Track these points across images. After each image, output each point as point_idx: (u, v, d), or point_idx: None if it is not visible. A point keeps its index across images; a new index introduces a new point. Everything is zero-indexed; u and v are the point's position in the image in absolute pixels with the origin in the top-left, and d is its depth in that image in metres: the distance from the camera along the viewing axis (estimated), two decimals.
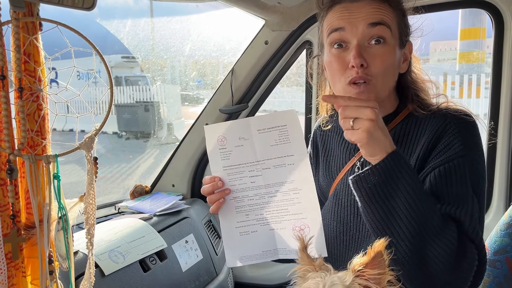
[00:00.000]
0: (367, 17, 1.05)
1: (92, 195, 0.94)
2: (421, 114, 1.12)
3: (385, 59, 1.06)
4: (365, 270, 0.82)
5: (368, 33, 1.05)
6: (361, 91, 1.06)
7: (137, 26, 4.50)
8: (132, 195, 2.06)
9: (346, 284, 0.83)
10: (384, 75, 1.07)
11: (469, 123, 1.09)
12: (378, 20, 1.05)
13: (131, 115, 12.24)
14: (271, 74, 1.90)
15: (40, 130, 0.90)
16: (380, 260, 0.83)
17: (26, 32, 0.86)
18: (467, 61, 12.54)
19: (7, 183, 0.86)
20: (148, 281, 1.50)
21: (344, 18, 1.07)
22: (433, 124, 1.09)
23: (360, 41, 1.05)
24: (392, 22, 1.08)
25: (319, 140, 1.34)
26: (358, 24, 1.05)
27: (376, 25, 1.05)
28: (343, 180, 1.21)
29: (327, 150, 1.31)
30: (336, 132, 1.29)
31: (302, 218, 1.07)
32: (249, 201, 1.10)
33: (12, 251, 0.87)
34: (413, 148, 1.11)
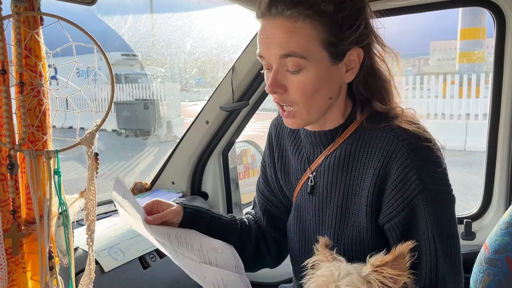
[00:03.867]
0: (278, 45, 0.95)
1: (92, 191, 0.94)
2: (370, 127, 1.03)
3: (303, 87, 0.97)
4: (385, 268, 0.82)
5: (282, 63, 0.96)
6: (286, 116, 1.02)
7: (138, 23, 4.48)
8: (132, 192, 2.05)
9: (362, 275, 0.83)
10: (307, 100, 0.99)
11: (422, 149, 0.97)
12: (287, 51, 0.94)
13: (130, 112, 12.24)
14: None
15: (41, 125, 0.89)
16: (401, 261, 0.83)
17: (27, 27, 0.85)
18: (467, 61, 12.55)
19: (8, 178, 0.85)
20: (147, 278, 1.50)
21: (263, 44, 0.98)
22: (382, 143, 1.00)
23: (277, 69, 0.97)
24: (309, 45, 0.95)
25: (275, 141, 1.26)
26: (271, 51, 0.96)
27: (286, 57, 0.95)
28: (301, 192, 1.17)
29: (283, 157, 1.23)
30: (291, 139, 1.21)
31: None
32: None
33: (12, 246, 0.87)
34: (365, 170, 1.03)
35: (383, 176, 0.99)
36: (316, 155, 1.13)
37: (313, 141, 1.12)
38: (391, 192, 0.98)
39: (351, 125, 1.07)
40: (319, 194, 1.12)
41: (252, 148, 2.60)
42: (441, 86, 11.12)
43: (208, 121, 2.00)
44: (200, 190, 2.17)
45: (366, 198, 1.02)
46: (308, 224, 1.15)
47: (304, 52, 0.94)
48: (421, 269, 0.97)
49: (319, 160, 1.11)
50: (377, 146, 1.01)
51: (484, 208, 1.89)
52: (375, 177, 1.00)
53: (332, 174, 1.08)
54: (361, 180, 1.03)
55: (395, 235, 1.00)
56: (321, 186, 1.11)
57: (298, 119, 1.02)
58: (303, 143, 1.17)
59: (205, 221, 1.18)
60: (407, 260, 0.83)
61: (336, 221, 1.08)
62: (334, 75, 1.00)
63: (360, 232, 1.04)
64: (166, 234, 1.06)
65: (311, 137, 1.11)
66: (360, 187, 1.04)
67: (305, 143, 1.15)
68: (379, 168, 0.99)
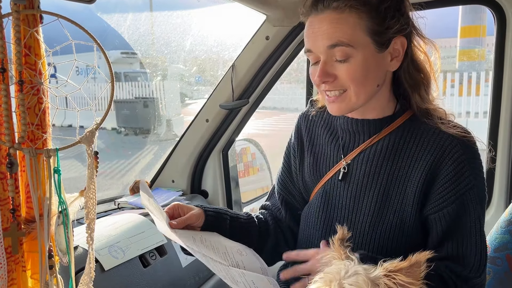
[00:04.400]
0: (325, 37, 1.02)
1: (92, 190, 0.93)
2: (423, 121, 1.09)
3: (352, 74, 1.03)
4: (398, 274, 0.81)
5: (330, 53, 1.03)
6: (332, 101, 1.07)
7: (137, 21, 4.49)
8: (132, 191, 2.05)
9: (370, 277, 0.82)
10: (356, 85, 1.04)
11: (473, 147, 1.07)
12: (335, 41, 1.01)
13: (130, 111, 12.22)
14: (272, 69, 1.89)
15: (41, 123, 0.89)
16: (416, 269, 0.82)
17: (27, 25, 0.85)
18: (467, 59, 12.53)
19: (7, 177, 0.85)
20: (148, 277, 1.50)
21: (310, 38, 1.05)
22: (437, 140, 1.06)
23: (325, 59, 1.04)
24: (356, 34, 1.01)
25: (304, 131, 1.29)
26: (319, 44, 1.03)
27: (334, 47, 1.01)
28: (333, 179, 1.18)
29: (314, 145, 1.25)
30: (325, 128, 1.24)
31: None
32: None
33: (12, 245, 0.86)
34: (415, 161, 1.07)
35: (435, 170, 1.05)
36: (356, 143, 1.16)
37: (356, 129, 1.15)
38: (444, 185, 1.04)
39: (400, 118, 1.12)
40: (357, 181, 1.13)
41: (252, 146, 2.59)
42: (441, 84, 11.10)
43: (208, 119, 2.00)
44: (200, 188, 2.17)
45: (414, 187, 1.06)
46: (338, 211, 1.16)
47: (350, 41, 1.01)
48: (468, 257, 1.03)
49: (360, 148, 1.14)
50: (430, 141, 1.07)
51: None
52: (427, 169, 1.05)
53: (376, 162, 1.11)
54: (408, 170, 1.08)
55: (441, 225, 1.05)
56: (361, 173, 1.13)
57: (345, 103, 1.07)
58: (339, 132, 1.20)
59: (226, 222, 1.20)
60: (422, 270, 0.82)
61: (375, 208, 1.10)
62: (380, 63, 1.06)
63: (402, 219, 1.08)
64: (192, 239, 1.06)
65: (353, 124, 1.15)
66: (407, 177, 1.08)
67: (344, 131, 1.18)
68: (432, 161, 1.05)
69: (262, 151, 2.62)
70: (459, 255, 1.03)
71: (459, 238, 1.04)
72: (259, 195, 2.54)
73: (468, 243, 1.04)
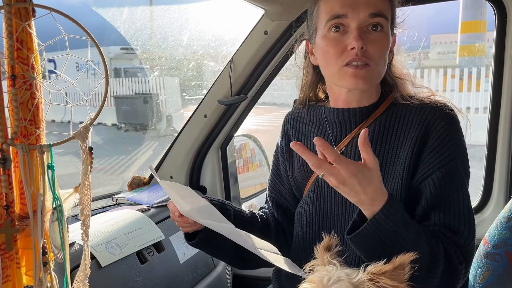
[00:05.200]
0: (369, 5, 1.06)
1: (87, 186, 0.92)
2: (404, 103, 1.14)
3: (382, 45, 1.08)
4: (382, 278, 0.81)
5: (368, 21, 1.07)
6: (359, 70, 1.07)
7: (134, 15, 4.46)
8: (130, 187, 2.04)
9: (353, 282, 0.81)
10: (380, 60, 1.09)
11: (456, 119, 1.11)
12: (379, 11, 1.07)
13: (130, 107, 12.21)
14: (270, 64, 1.87)
15: (34, 119, 0.88)
16: (400, 272, 0.81)
17: (19, 18, 0.84)
18: (468, 54, 12.48)
19: (0, 173, 0.84)
20: (145, 273, 1.50)
21: (346, 4, 1.07)
22: (420, 115, 1.10)
23: (360, 25, 1.07)
24: (388, 13, 1.10)
25: (291, 131, 1.31)
26: (360, 10, 1.06)
27: (375, 16, 1.07)
28: None
29: (303, 142, 1.25)
30: (312, 124, 1.26)
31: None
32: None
33: (6, 242, 0.86)
34: (402, 140, 1.11)
35: (421, 142, 1.09)
36: (344, 134, 1.18)
37: (342, 119, 1.17)
38: (429, 154, 1.07)
39: (384, 103, 1.16)
40: None
41: (251, 142, 2.58)
42: (441, 79, 11.07)
43: (207, 115, 1.98)
44: (198, 184, 2.16)
45: (403, 164, 1.09)
46: (331, 202, 1.17)
47: (388, 14, 1.09)
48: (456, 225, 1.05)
49: (348, 138, 1.16)
50: (414, 118, 1.10)
51: (483, 202, 1.89)
52: (413, 144, 1.08)
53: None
54: (397, 150, 1.11)
55: (426, 193, 1.06)
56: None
57: (369, 76, 1.08)
58: (328, 124, 1.21)
59: (229, 213, 1.22)
60: (406, 272, 0.81)
61: None
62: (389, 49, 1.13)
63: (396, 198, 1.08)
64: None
65: (339, 114, 1.17)
66: (396, 156, 1.11)
67: (331, 123, 1.20)
68: (417, 136, 1.08)
69: (261, 147, 2.61)
70: (446, 223, 1.04)
71: (446, 207, 1.05)
72: (258, 191, 2.53)
73: (455, 211, 1.05)
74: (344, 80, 1.10)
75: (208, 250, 1.28)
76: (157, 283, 1.53)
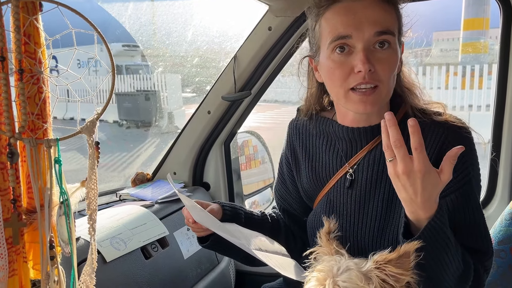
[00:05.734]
0: (375, 23, 1.00)
1: (94, 180, 0.92)
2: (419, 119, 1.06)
3: (390, 63, 1.02)
4: (388, 266, 0.81)
5: (374, 39, 1.01)
6: (367, 96, 1.02)
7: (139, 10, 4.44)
8: (134, 183, 2.04)
9: (362, 271, 0.82)
10: (389, 80, 1.03)
11: (470, 139, 1.07)
12: (385, 28, 1.00)
13: (131, 104, 12.21)
14: (274, 60, 1.87)
15: (41, 113, 0.88)
16: (405, 260, 0.82)
17: (26, 13, 0.84)
18: (470, 52, 12.45)
19: (8, 167, 0.84)
20: (149, 268, 1.50)
21: (350, 24, 1.00)
22: (434, 134, 1.05)
23: (366, 46, 1.00)
24: (395, 26, 1.04)
25: (297, 144, 1.27)
26: (365, 30, 0.99)
27: (381, 34, 1.00)
28: (337, 187, 1.17)
29: (311, 154, 1.23)
30: (319, 136, 1.22)
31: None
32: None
33: (12, 236, 0.86)
34: None
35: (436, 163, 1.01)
36: (355, 150, 1.14)
37: (354, 137, 1.12)
38: None
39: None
40: (361, 188, 1.12)
41: (254, 139, 2.58)
42: (443, 77, 11.05)
43: (210, 111, 1.98)
44: (202, 180, 2.16)
45: None
46: (344, 218, 1.15)
47: (395, 29, 1.03)
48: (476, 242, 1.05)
49: (360, 155, 1.12)
50: (428, 136, 1.05)
51: (488, 199, 1.88)
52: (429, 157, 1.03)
53: (377, 167, 1.10)
54: None
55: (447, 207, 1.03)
56: (364, 180, 1.12)
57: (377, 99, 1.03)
58: (337, 140, 1.17)
59: (241, 217, 1.24)
60: (411, 260, 0.82)
61: (382, 213, 1.10)
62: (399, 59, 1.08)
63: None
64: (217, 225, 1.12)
65: (352, 133, 1.12)
66: None
67: (342, 139, 1.15)
68: (431, 155, 1.03)
69: (264, 144, 2.60)
70: (465, 245, 1.02)
71: (463, 229, 1.03)
72: (261, 188, 2.53)
73: (472, 233, 1.04)
74: (351, 105, 1.06)
75: (220, 251, 1.32)
76: (161, 278, 1.53)
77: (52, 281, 0.89)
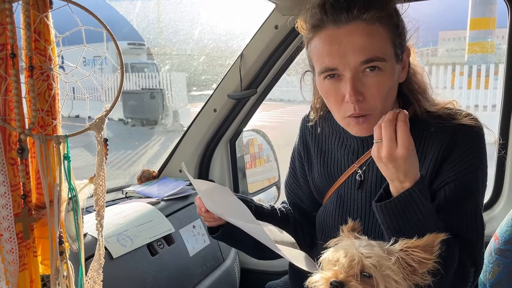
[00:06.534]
0: (359, 52, 0.95)
1: (102, 177, 0.93)
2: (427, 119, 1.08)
3: (381, 87, 0.99)
4: (415, 250, 0.84)
5: (359, 69, 0.98)
6: (361, 124, 1.03)
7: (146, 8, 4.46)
8: (140, 180, 2.06)
9: (384, 248, 0.85)
10: (383, 103, 1.02)
11: (481, 136, 1.07)
12: (372, 56, 0.96)
13: (137, 102, 12.25)
14: (280, 59, 1.87)
15: (51, 110, 0.88)
16: (430, 249, 0.85)
17: (36, 10, 0.84)
18: (476, 51, 12.37)
19: (18, 162, 0.85)
20: (155, 265, 1.51)
21: (335, 55, 0.97)
22: (445, 133, 1.06)
23: (354, 74, 0.97)
24: (386, 46, 0.99)
25: (310, 140, 1.29)
26: (350, 60, 0.96)
27: (368, 62, 0.96)
28: (346, 185, 1.18)
29: (323, 151, 1.25)
30: (332, 133, 1.23)
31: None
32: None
33: (23, 230, 0.87)
34: (424, 155, 1.08)
35: (443, 158, 1.05)
36: (366, 148, 1.15)
37: (366, 137, 1.13)
38: (447, 166, 1.04)
39: None
40: (371, 186, 1.14)
41: (260, 137, 2.58)
42: (449, 77, 11.00)
43: (216, 109, 1.99)
44: (207, 178, 2.17)
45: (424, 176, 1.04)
46: (354, 214, 1.16)
47: (384, 54, 0.97)
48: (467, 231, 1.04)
49: (369, 154, 1.13)
50: (437, 134, 1.06)
51: (494, 198, 1.88)
52: (434, 159, 1.05)
53: None
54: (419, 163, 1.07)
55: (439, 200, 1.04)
56: (373, 178, 1.13)
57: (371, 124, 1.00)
58: (348, 138, 1.19)
59: (251, 209, 1.23)
60: (435, 250, 0.85)
61: None
62: (397, 75, 1.04)
63: None
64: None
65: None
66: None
67: (351, 137, 1.17)
68: (439, 151, 1.05)
69: (270, 142, 2.60)
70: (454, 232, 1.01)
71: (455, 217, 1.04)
72: (266, 186, 2.54)
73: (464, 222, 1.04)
74: (349, 129, 1.08)
75: (229, 243, 1.32)
76: (167, 275, 1.54)
77: (61, 276, 0.90)
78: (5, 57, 0.82)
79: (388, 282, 0.81)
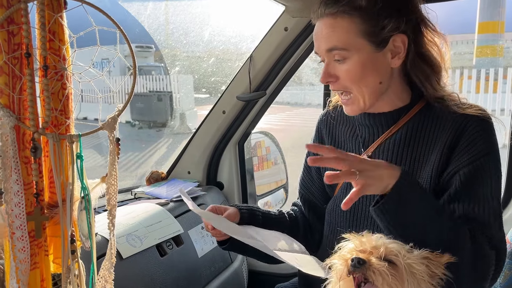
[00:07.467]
0: (323, 41, 1.09)
1: (114, 176, 0.94)
2: (439, 107, 1.12)
3: (350, 74, 1.09)
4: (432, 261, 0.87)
5: (329, 56, 1.10)
6: (345, 103, 1.14)
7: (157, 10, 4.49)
8: (148, 181, 2.06)
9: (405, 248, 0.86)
10: (358, 85, 1.10)
11: (490, 123, 1.10)
12: (331, 46, 1.08)
13: (144, 104, 12.30)
14: (290, 61, 1.87)
15: (64, 109, 0.89)
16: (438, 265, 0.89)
17: (51, 10, 0.85)
18: (487, 54, 12.29)
19: (31, 161, 0.86)
20: (164, 266, 1.51)
21: (315, 41, 1.13)
22: (454, 121, 1.09)
23: (328, 61, 1.11)
24: (349, 37, 1.07)
25: (325, 131, 1.34)
26: (321, 47, 1.11)
27: (331, 50, 1.09)
28: None
29: (336, 141, 1.30)
30: (345, 125, 1.29)
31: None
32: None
33: (35, 229, 0.87)
34: (431, 145, 1.10)
35: (452, 145, 1.08)
36: (375, 136, 1.19)
37: (373, 123, 1.19)
38: (459, 153, 1.07)
39: (416, 106, 1.15)
40: None
41: (267, 139, 2.58)
42: (457, 80, 10.94)
43: (225, 111, 1.99)
44: (215, 180, 2.17)
45: (432, 166, 1.09)
46: (363, 202, 1.19)
47: (345, 44, 1.07)
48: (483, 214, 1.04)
49: (379, 141, 1.18)
50: (446, 123, 1.10)
51: (506, 201, 1.86)
52: (443, 146, 1.08)
53: (396, 152, 1.15)
54: (427, 153, 1.11)
55: (455, 186, 1.05)
56: None
57: (356, 105, 1.13)
58: (359, 126, 1.24)
59: (259, 218, 1.28)
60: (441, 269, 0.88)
61: None
62: (379, 61, 1.10)
63: None
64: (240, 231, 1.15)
65: (370, 119, 1.19)
66: (427, 159, 1.11)
67: (362, 126, 1.22)
68: (448, 140, 1.08)
69: (278, 145, 2.60)
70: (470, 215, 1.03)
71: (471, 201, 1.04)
72: (273, 189, 2.54)
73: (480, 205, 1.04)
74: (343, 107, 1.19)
75: (239, 252, 1.39)
76: (176, 276, 1.54)
77: (72, 274, 0.91)
78: (20, 57, 0.82)
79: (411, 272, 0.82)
